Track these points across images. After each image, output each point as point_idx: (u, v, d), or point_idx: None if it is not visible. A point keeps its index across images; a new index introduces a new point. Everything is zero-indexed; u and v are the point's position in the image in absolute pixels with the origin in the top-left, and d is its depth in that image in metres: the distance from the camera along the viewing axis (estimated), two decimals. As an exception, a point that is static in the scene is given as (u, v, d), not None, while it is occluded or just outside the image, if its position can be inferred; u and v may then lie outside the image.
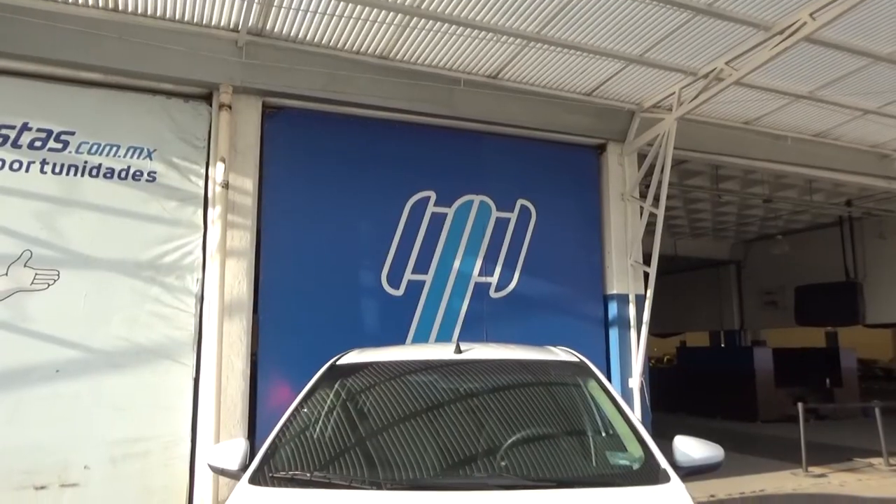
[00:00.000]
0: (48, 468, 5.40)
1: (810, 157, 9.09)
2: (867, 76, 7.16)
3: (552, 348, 3.75)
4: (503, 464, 2.67)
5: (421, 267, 7.12)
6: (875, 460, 8.89)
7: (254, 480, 2.55)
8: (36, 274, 5.57)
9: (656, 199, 7.60)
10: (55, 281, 5.61)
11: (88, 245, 5.75)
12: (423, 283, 7.12)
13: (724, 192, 11.54)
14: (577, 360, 3.45)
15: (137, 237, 5.92)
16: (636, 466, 2.68)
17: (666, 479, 2.51)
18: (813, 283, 14.14)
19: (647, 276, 7.72)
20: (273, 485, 2.51)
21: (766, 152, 8.81)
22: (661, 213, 7.53)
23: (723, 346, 18.62)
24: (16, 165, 5.62)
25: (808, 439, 8.57)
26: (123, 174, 5.93)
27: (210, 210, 6.12)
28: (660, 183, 7.48)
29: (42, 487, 5.37)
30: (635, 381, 7.59)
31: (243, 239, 6.22)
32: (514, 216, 7.63)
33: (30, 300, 5.52)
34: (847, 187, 11.41)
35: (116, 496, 5.53)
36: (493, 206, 7.55)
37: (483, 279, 7.39)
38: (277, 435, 2.82)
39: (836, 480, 7.93)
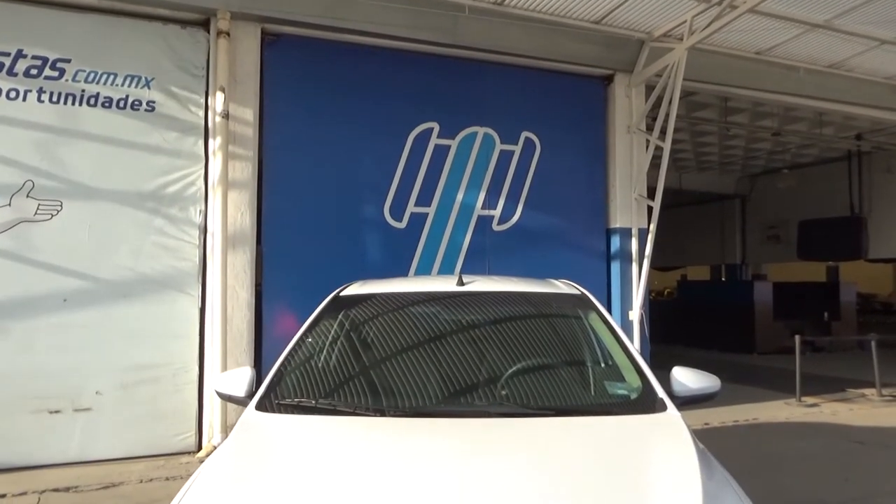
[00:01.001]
0: (61, 394, 5.56)
1: (823, 90, 8.89)
2: (886, 4, 6.91)
3: (554, 281, 3.77)
4: (503, 392, 2.73)
5: (424, 199, 7.10)
6: (868, 391, 9.09)
7: (260, 407, 2.62)
8: (39, 204, 5.57)
9: (663, 131, 7.48)
10: (58, 212, 5.62)
11: (90, 176, 5.73)
12: (425, 215, 7.11)
13: (732, 124, 11.35)
14: (579, 292, 3.47)
15: (139, 168, 5.89)
16: (634, 396, 2.74)
17: (663, 407, 2.57)
18: (817, 218, 14.10)
19: (650, 209, 7.69)
20: (279, 411, 2.58)
21: (777, 84, 8.61)
22: (667, 147, 7.43)
23: (723, 279, 18.75)
24: (12, 94, 5.53)
25: (804, 371, 8.73)
26: (122, 104, 5.85)
27: (211, 141, 6.06)
28: (667, 115, 7.35)
29: (56, 412, 5.55)
30: (635, 314, 7.68)
31: (245, 170, 6.18)
32: (518, 149, 7.54)
33: (34, 231, 5.55)
34: (858, 120, 11.20)
35: (128, 420, 5.71)
36: (497, 139, 7.45)
37: (486, 212, 7.37)
38: (283, 363, 2.87)
39: (829, 410, 8.13)
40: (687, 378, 2.80)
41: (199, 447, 5.90)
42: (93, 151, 5.75)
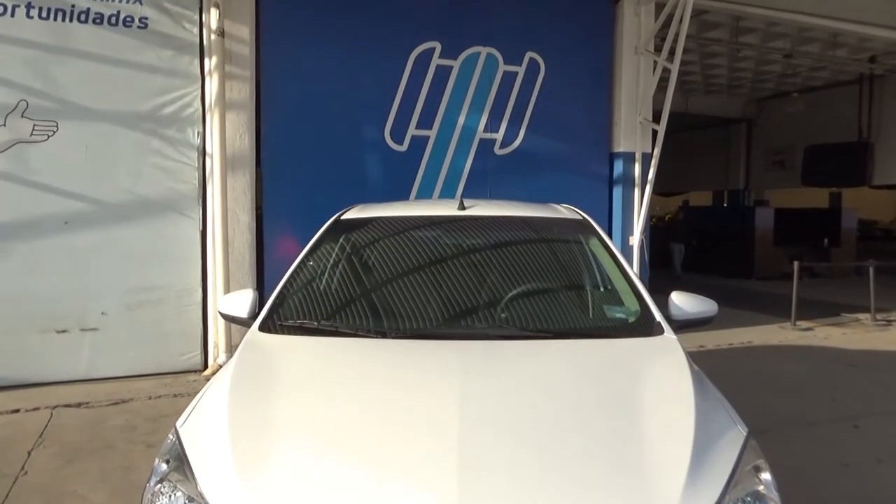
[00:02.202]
0: (67, 314, 5.66)
1: (838, 9, 8.57)
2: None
3: (556, 206, 3.76)
4: (503, 315, 2.77)
5: (425, 122, 6.98)
6: (862, 316, 9.23)
7: (263, 328, 2.66)
8: (34, 125, 5.49)
9: (671, 52, 7.27)
10: (54, 132, 5.54)
11: (85, 96, 5.62)
12: (426, 138, 7.01)
13: (743, 45, 11.00)
14: (580, 217, 3.46)
15: (134, 88, 5.76)
16: (632, 320, 2.78)
17: (660, 331, 2.61)
18: (823, 143, 13.90)
19: (655, 134, 7.57)
20: (282, 332, 2.62)
21: (791, 2, 8.30)
22: (675, 68, 7.24)
23: (725, 205, 18.69)
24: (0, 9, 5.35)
25: (800, 296, 8.84)
26: (114, 20, 5.66)
27: (206, 60, 5.90)
28: (677, 35, 7.12)
29: (63, 331, 5.66)
30: (636, 239, 7.70)
31: (242, 91, 6.05)
32: (521, 70, 7.35)
33: (31, 152, 5.49)
34: (873, 42, 10.85)
35: (134, 340, 5.83)
36: (501, 59, 7.25)
37: (488, 135, 7.27)
38: (285, 286, 2.90)
39: (822, 334, 8.27)
40: (685, 302, 2.83)
41: (205, 366, 6.05)
42: (86, 70, 5.62)
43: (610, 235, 3.50)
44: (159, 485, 1.78)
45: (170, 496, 1.73)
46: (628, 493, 1.63)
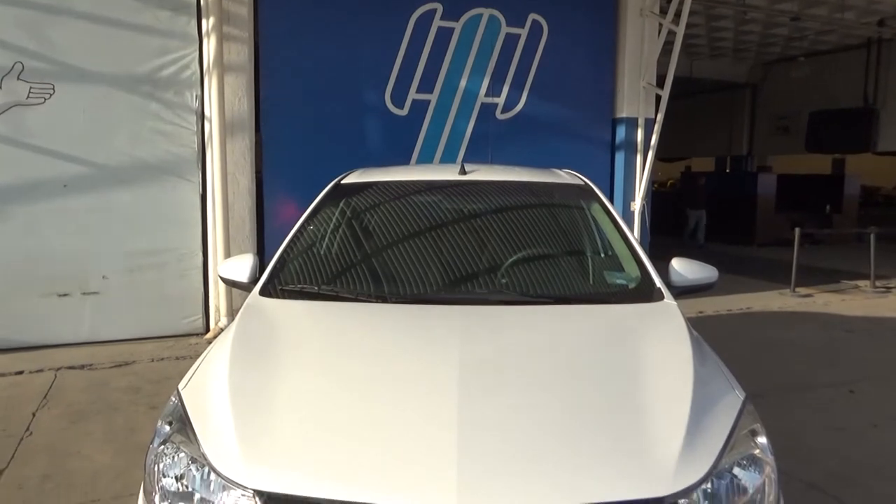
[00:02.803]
0: (68, 277, 5.67)
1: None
2: None
3: (557, 171, 3.73)
4: (504, 281, 2.77)
5: (426, 86, 6.89)
6: (862, 282, 9.25)
7: (264, 292, 2.66)
8: (31, 87, 5.43)
9: (677, 14, 7.14)
10: (51, 95, 5.49)
11: (81, 57, 5.54)
12: (427, 102, 6.94)
13: (750, 7, 10.81)
14: (582, 182, 3.44)
15: (131, 50, 5.68)
16: (632, 285, 2.78)
17: (660, 297, 2.61)
18: (828, 109, 13.75)
19: (658, 99, 7.48)
20: (282, 296, 2.62)
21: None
22: (680, 31, 7.12)
23: (727, 171, 18.57)
24: (-9, -33, 5.24)
25: (801, 263, 8.85)
26: (109, -22, 5.55)
27: (204, 21, 5.80)
28: (683, -4, 6.98)
29: (65, 295, 5.68)
30: (637, 205, 7.68)
31: (241, 53, 5.97)
32: (524, 32, 7.23)
33: (28, 115, 5.44)
34: (882, 5, 10.66)
35: (136, 304, 5.86)
36: (503, 21, 7.13)
37: (490, 99, 7.19)
38: (285, 250, 2.89)
39: (821, 300, 8.30)
40: (685, 268, 2.83)
41: (207, 329, 6.09)
42: (82, 31, 5.53)
43: (611, 201, 3.48)
44: (162, 446, 1.80)
45: (173, 457, 1.75)
46: (626, 455, 1.65)
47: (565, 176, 3.57)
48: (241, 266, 2.87)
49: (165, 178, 5.88)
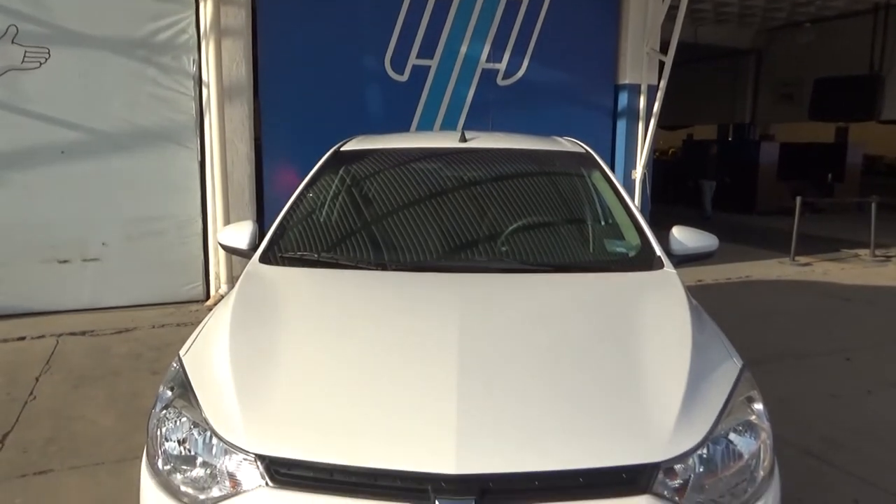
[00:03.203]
0: (68, 244, 5.67)
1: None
2: None
3: (558, 139, 3.71)
4: (503, 249, 2.77)
5: (426, 51, 6.80)
6: (861, 251, 9.25)
7: (264, 259, 2.66)
8: (26, 51, 5.35)
9: (682, -22, 7.02)
10: (46, 59, 5.42)
11: (76, 21, 5.46)
12: (428, 68, 6.85)
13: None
14: (583, 150, 3.42)
15: (127, 12, 5.60)
16: (632, 254, 2.78)
17: (660, 265, 2.62)
18: (833, 76, 13.59)
19: (661, 65, 7.39)
20: (282, 264, 2.62)
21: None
22: (685, -5, 7.00)
23: (729, 139, 18.44)
24: (-18, -74, 5.13)
25: (801, 231, 8.84)
26: (102, -61, 5.43)
27: (200, -17, 5.70)
28: (688, -40, 6.85)
29: (65, 261, 5.69)
30: (638, 173, 7.64)
31: (238, 16, 5.87)
32: (526, -4, 7.11)
33: (24, 79, 5.38)
34: (892, -32, 10.46)
35: (136, 271, 5.87)
36: (505, -15, 7.00)
37: (491, 65, 7.10)
38: (284, 218, 2.89)
39: (820, 269, 8.32)
40: (685, 237, 2.82)
41: (207, 296, 6.11)
42: (76, -7, 5.44)
43: (613, 169, 3.46)
44: (164, 411, 1.82)
45: (175, 421, 1.77)
46: (623, 421, 1.67)
47: (566, 144, 3.54)
48: (240, 233, 2.86)
49: (163, 144, 5.84)
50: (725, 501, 1.63)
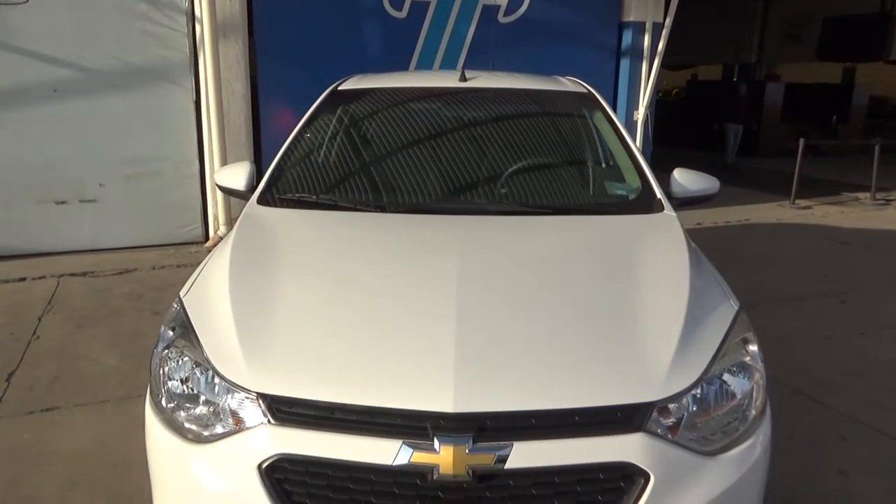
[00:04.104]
0: (65, 185, 5.64)
1: None
2: None
3: (560, 78, 3.64)
4: (503, 191, 2.75)
5: (425, -14, 6.60)
6: (862, 195, 9.22)
7: (262, 201, 2.64)
8: (12, -15, 5.19)
9: None
10: (34, -7, 5.26)
11: (62, -48, 5.28)
12: (427, 4, 6.66)
13: None
14: (585, 90, 3.36)
15: (114, -56, 5.40)
16: (633, 196, 2.76)
17: (660, 208, 2.60)
18: (843, 14, 13.24)
19: (668, 2, 7.18)
20: (280, 205, 2.60)
21: None
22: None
23: (734, 79, 18.11)
24: None
25: (803, 174, 8.79)
26: None
27: (190, -88, 5.48)
28: None
29: (62, 202, 5.67)
30: (641, 114, 7.54)
31: (230, -52, 5.67)
32: (529, -73, 6.85)
33: (12, 15, 5.24)
34: None
35: (135, 212, 5.86)
36: (507, -85, 6.74)
37: (492, 2, 6.90)
38: (282, 158, 2.85)
39: (820, 212, 8.31)
40: (686, 179, 2.80)
41: (206, 238, 6.11)
42: (61, -77, 5.23)
43: (615, 109, 3.40)
44: (166, 351, 1.84)
45: (177, 361, 1.79)
46: (619, 361, 1.69)
47: (568, 83, 3.48)
48: (237, 174, 2.84)
49: (157, 82, 5.73)
50: (717, 439, 1.67)
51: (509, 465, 1.49)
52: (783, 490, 2.53)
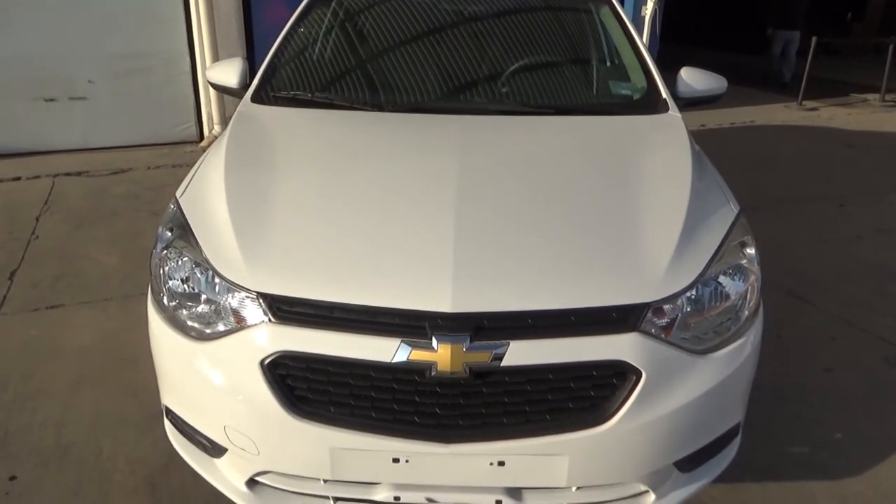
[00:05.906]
0: (53, 82, 5.48)
1: None
2: None
3: (566, -32, 3.45)
4: (504, 90, 2.67)
5: None
6: (871, 96, 9.02)
7: (256, 99, 2.57)
8: None
9: None
10: None
11: None
12: None
13: None
14: (592, -18, 3.19)
15: None
16: (637, 96, 2.69)
17: (665, 108, 2.54)
18: None
19: None
20: (275, 103, 2.54)
21: None
22: None
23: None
24: None
25: (812, 74, 8.55)
26: None
27: None
28: None
29: (51, 100, 5.53)
30: (649, 9, 7.22)
31: None
32: None
33: None
34: None
35: (126, 110, 5.73)
36: None
37: None
38: (275, 55, 2.76)
39: (827, 114, 8.15)
40: (693, 79, 2.72)
41: (201, 137, 6.01)
42: None
43: (622, 4, 3.24)
44: (165, 251, 1.84)
45: (177, 261, 1.80)
46: (616, 262, 1.70)
47: (574, -26, 3.30)
48: (229, 70, 2.75)
49: (142, -29, 5.45)
50: (709, 338, 1.70)
51: (505, 362, 1.52)
52: (768, 386, 2.63)
